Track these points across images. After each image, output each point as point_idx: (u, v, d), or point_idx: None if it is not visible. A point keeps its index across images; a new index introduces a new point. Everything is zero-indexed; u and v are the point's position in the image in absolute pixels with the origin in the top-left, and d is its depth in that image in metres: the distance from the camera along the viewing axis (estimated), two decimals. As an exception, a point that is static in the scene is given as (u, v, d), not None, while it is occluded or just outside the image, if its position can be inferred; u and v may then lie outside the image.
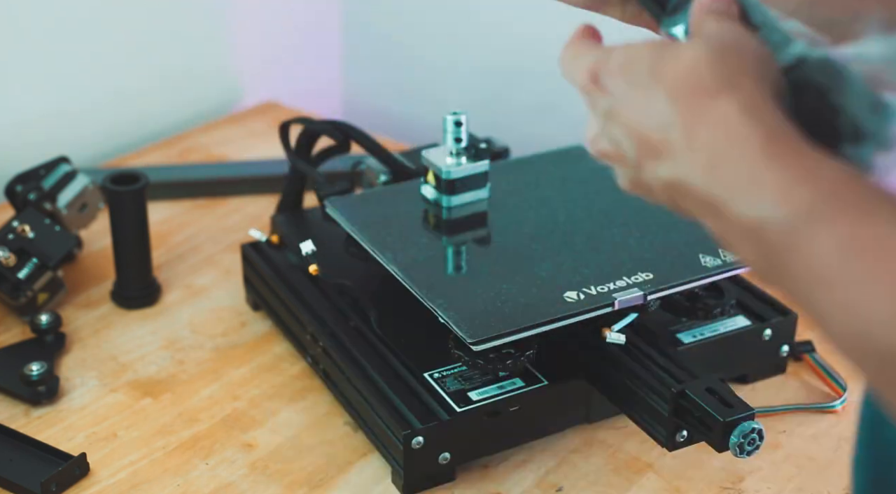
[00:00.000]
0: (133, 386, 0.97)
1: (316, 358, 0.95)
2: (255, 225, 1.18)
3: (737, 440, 0.76)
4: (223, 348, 1.02)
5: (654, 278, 0.87)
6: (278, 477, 0.87)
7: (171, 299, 1.09)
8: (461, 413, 0.83)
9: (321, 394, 0.96)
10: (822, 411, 0.94)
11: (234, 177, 1.29)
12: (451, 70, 1.50)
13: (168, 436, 0.91)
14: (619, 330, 0.85)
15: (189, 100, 1.47)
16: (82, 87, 1.35)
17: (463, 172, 0.97)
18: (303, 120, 1.06)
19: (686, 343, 0.92)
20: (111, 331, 1.04)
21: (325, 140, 1.05)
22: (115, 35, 1.36)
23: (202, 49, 1.48)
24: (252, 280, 1.05)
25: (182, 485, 0.86)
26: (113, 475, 0.87)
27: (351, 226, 0.95)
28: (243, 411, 0.94)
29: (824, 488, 0.86)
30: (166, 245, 1.18)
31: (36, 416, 0.93)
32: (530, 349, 0.85)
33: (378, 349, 0.91)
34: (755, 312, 0.96)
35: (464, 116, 0.97)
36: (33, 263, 1.01)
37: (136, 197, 1.04)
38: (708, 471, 0.87)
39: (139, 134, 1.42)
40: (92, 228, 1.12)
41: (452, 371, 0.87)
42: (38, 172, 1.08)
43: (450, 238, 0.96)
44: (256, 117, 1.49)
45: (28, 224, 1.02)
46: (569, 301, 0.85)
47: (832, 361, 0.99)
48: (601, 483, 0.86)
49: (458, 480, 0.86)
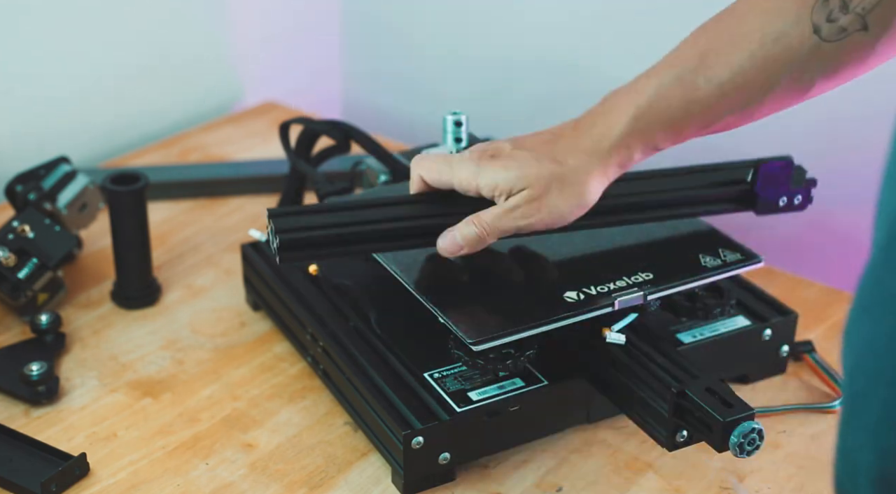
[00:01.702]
0: (133, 386, 0.97)
1: (316, 358, 0.95)
2: (255, 225, 1.18)
3: (737, 440, 0.76)
4: (223, 348, 1.02)
5: (654, 278, 0.87)
6: (278, 477, 0.87)
7: (171, 299, 1.09)
8: (461, 414, 0.83)
9: (321, 394, 0.96)
10: (822, 411, 0.94)
11: (235, 178, 1.29)
12: (451, 70, 1.50)
13: (168, 436, 0.91)
14: (620, 331, 0.85)
15: (189, 100, 1.48)
16: (82, 87, 1.35)
17: (463, 172, 0.97)
18: (303, 120, 1.06)
19: (686, 343, 0.92)
20: (111, 331, 1.04)
21: (326, 140, 1.05)
22: (115, 35, 1.36)
23: (202, 49, 1.48)
24: (252, 280, 1.05)
25: (182, 485, 0.86)
26: (113, 475, 0.87)
27: (351, 226, 0.95)
28: (243, 411, 0.94)
29: (824, 488, 0.86)
30: (166, 245, 1.18)
31: (36, 416, 0.93)
32: (530, 349, 0.85)
33: (378, 349, 0.91)
34: (755, 312, 0.96)
35: (464, 116, 0.97)
36: (33, 263, 1.01)
37: (136, 197, 1.04)
38: (708, 471, 0.87)
39: (139, 134, 1.42)
40: (92, 228, 1.12)
41: (452, 371, 0.87)
42: (38, 172, 1.08)
43: (450, 238, 0.96)
44: (256, 117, 1.49)
45: (28, 224, 1.02)
46: (569, 301, 0.85)
47: (832, 361, 0.99)
48: (601, 483, 0.86)
49: (458, 480, 0.86)
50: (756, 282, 1.00)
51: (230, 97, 1.53)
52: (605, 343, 0.85)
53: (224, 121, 1.48)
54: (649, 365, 0.83)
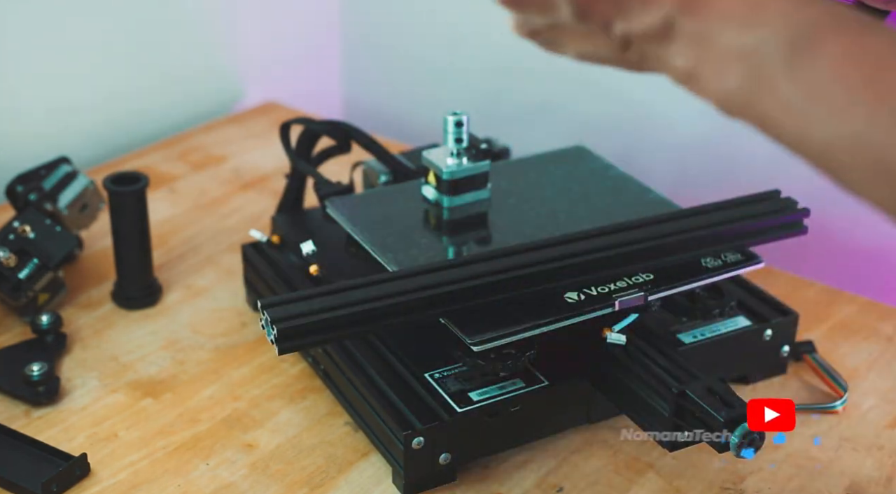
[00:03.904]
0: (133, 386, 0.97)
1: (316, 358, 0.95)
2: (255, 225, 1.18)
3: (737, 440, 0.76)
4: (224, 348, 1.02)
5: (655, 278, 0.87)
6: (279, 478, 0.87)
7: (172, 299, 1.09)
8: (462, 414, 0.83)
9: (321, 394, 0.96)
10: (822, 411, 0.94)
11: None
12: (452, 70, 1.50)
13: (169, 437, 0.91)
14: (620, 331, 0.85)
15: (189, 100, 1.47)
16: (82, 87, 1.35)
17: (463, 173, 0.97)
18: (303, 120, 1.06)
19: (687, 343, 0.92)
20: (112, 332, 1.04)
21: (326, 140, 1.05)
22: (115, 35, 1.36)
23: (202, 49, 1.48)
24: (252, 280, 1.05)
25: (183, 486, 0.86)
26: (113, 475, 0.87)
27: (351, 226, 0.95)
28: (244, 411, 0.94)
29: (824, 488, 0.86)
30: (167, 245, 1.18)
31: (36, 417, 0.93)
32: (531, 349, 0.85)
33: (378, 349, 0.91)
34: (756, 312, 0.96)
35: (464, 117, 0.97)
36: (34, 264, 1.01)
37: (136, 197, 1.04)
38: (708, 471, 0.87)
39: (139, 134, 1.42)
40: (92, 228, 1.12)
41: (453, 371, 0.87)
42: (38, 173, 1.08)
43: (450, 238, 0.96)
44: (256, 117, 1.49)
45: (29, 224, 1.02)
46: (569, 301, 0.85)
47: (833, 361, 0.99)
48: (602, 484, 0.86)
49: (458, 480, 0.86)
50: (756, 283, 1.00)
51: (230, 97, 1.53)
52: (606, 343, 0.85)
53: (224, 122, 1.48)
54: (650, 366, 0.83)
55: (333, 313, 0.79)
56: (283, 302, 0.80)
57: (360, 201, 1.00)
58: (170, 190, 1.30)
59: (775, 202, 0.94)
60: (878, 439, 0.91)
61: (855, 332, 1.05)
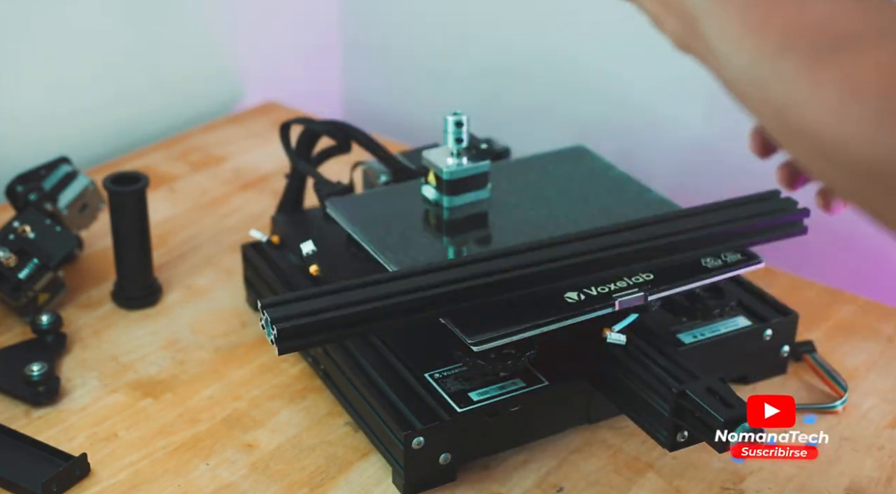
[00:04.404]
0: (134, 386, 0.97)
1: (317, 358, 0.95)
2: (256, 225, 1.18)
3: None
4: (224, 348, 1.02)
5: (655, 278, 0.87)
6: (279, 478, 0.87)
7: (172, 299, 1.09)
8: (462, 414, 0.83)
9: (321, 394, 0.96)
10: (822, 411, 0.94)
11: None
12: (452, 70, 1.50)
13: (169, 437, 0.91)
14: (620, 331, 0.85)
15: (189, 100, 1.48)
16: (82, 87, 1.35)
17: (463, 173, 0.97)
18: (303, 120, 1.06)
19: (687, 343, 0.92)
20: (112, 332, 1.04)
21: (326, 140, 1.05)
22: (115, 35, 1.36)
23: (202, 49, 1.48)
24: (252, 280, 1.05)
25: (183, 486, 0.86)
26: (113, 475, 0.87)
27: (351, 226, 0.95)
28: (244, 411, 0.94)
29: (824, 488, 0.86)
30: (167, 245, 1.18)
31: (37, 417, 0.93)
32: (531, 349, 0.85)
33: (378, 349, 0.91)
34: (756, 313, 0.96)
35: (464, 117, 0.97)
36: (34, 264, 1.01)
37: (136, 197, 1.04)
38: (708, 471, 0.87)
39: (139, 134, 1.42)
40: (92, 228, 1.12)
41: (453, 371, 0.87)
42: (38, 173, 1.08)
43: (450, 238, 0.96)
44: (256, 117, 1.49)
45: (29, 224, 1.02)
46: (569, 301, 0.85)
47: (833, 361, 0.99)
48: (602, 484, 0.86)
49: (458, 480, 0.86)
50: (756, 283, 1.00)
51: (230, 97, 1.53)
52: (606, 343, 0.85)
53: (225, 122, 1.48)
54: (650, 366, 0.83)
55: (333, 313, 0.79)
56: (283, 302, 0.80)
57: (360, 201, 1.00)
58: (170, 190, 1.30)
59: (775, 202, 0.94)
60: (878, 439, 0.91)
61: (855, 332, 1.05)
